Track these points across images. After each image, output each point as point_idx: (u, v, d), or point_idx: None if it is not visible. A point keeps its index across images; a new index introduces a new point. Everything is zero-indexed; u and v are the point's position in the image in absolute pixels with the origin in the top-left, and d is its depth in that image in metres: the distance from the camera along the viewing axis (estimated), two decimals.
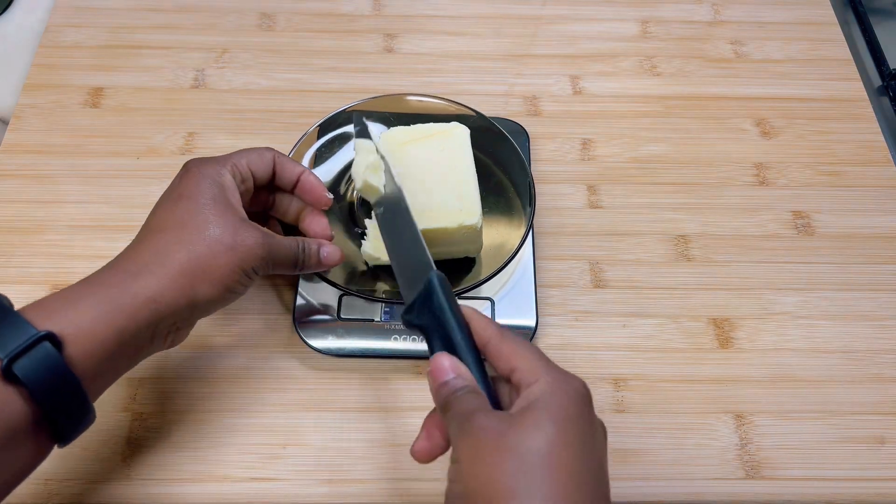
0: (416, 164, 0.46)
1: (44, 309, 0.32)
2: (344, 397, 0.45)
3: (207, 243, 0.36)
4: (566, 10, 0.65)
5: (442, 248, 0.45)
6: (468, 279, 0.47)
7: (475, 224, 0.44)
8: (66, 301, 0.33)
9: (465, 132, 0.48)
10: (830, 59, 0.63)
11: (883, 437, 0.45)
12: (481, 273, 0.46)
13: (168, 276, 0.35)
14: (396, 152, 0.46)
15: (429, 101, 0.53)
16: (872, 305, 0.50)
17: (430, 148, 0.47)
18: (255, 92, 0.59)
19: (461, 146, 0.47)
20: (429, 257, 0.37)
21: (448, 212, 0.44)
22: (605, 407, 0.46)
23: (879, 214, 0.54)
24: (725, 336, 0.49)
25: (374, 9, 0.65)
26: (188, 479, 0.42)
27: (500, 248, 0.47)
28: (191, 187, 0.38)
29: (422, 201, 0.44)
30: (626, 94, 0.60)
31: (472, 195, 0.45)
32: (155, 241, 0.36)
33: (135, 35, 0.61)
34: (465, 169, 0.46)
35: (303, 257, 0.41)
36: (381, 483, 0.43)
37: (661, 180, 0.55)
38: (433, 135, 0.47)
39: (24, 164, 0.54)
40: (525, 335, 0.46)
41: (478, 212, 0.44)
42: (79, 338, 0.32)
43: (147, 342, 0.35)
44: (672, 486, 0.43)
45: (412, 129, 0.48)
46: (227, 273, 0.36)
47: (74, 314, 0.32)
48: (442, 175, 0.46)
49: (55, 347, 0.31)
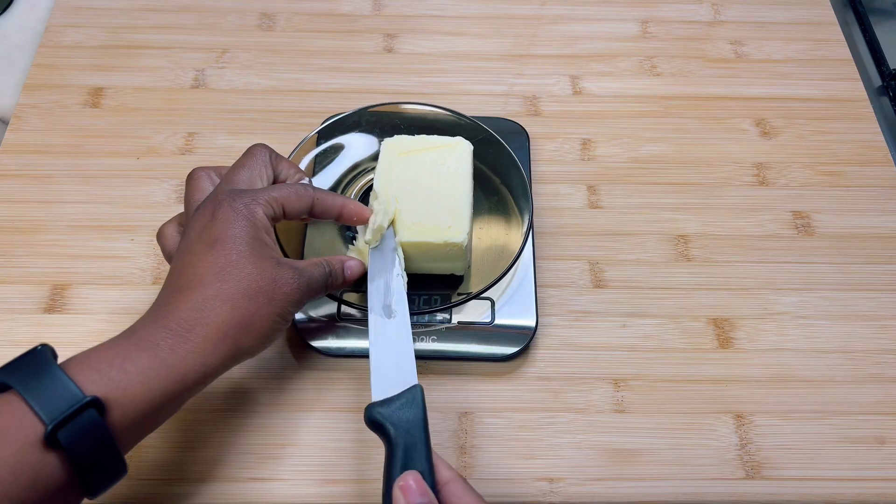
0: (412, 175, 0.46)
1: (90, 367, 0.31)
2: (343, 397, 0.45)
3: (249, 296, 0.35)
4: (566, 10, 0.65)
5: (425, 264, 0.45)
6: (463, 288, 0.47)
7: (461, 242, 0.43)
8: (113, 361, 0.32)
9: (468, 148, 0.48)
10: (830, 59, 0.63)
11: (883, 437, 0.45)
12: (476, 284, 0.47)
13: (214, 336, 0.34)
14: (395, 161, 0.46)
15: (418, 108, 0.52)
16: (872, 305, 0.50)
17: (431, 160, 0.47)
18: (255, 92, 0.59)
19: (462, 162, 0.47)
20: (414, 366, 0.38)
21: (435, 227, 0.44)
22: (605, 407, 0.46)
23: (879, 214, 0.54)
24: (725, 336, 0.49)
25: (374, 9, 0.65)
26: (188, 479, 0.42)
27: (500, 252, 0.47)
28: (225, 229, 0.36)
29: (411, 212, 0.44)
30: (626, 94, 0.60)
31: (462, 213, 0.44)
32: (195, 295, 0.35)
33: (135, 35, 0.62)
34: (461, 186, 0.46)
35: (330, 281, 0.40)
36: (380, 483, 0.43)
37: (661, 180, 0.55)
38: (436, 147, 0.47)
39: (24, 164, 0.54)
40: (525, 335, 0.46)
41: (465, 231, 0.44)
42: (124, 403, 0.31)
43: (189, 397, 0.35)
44: (672, 486, 0.43)
45: (416, 140, 0.48)
46: (269, 324, 0.36)
47: (122, 377, 0.31)
48: (437, 189, 0.45)
49: (100, 414, 0.30)
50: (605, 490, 0.43)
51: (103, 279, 0.49)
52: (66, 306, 0.48)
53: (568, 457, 0.44)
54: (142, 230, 0.51)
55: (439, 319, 0.46)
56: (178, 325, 0.34)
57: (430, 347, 0.46)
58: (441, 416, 0.45)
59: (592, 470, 0.43)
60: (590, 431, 0.45)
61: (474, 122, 0.51)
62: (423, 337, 0.46)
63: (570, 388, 0.46)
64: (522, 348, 0.46)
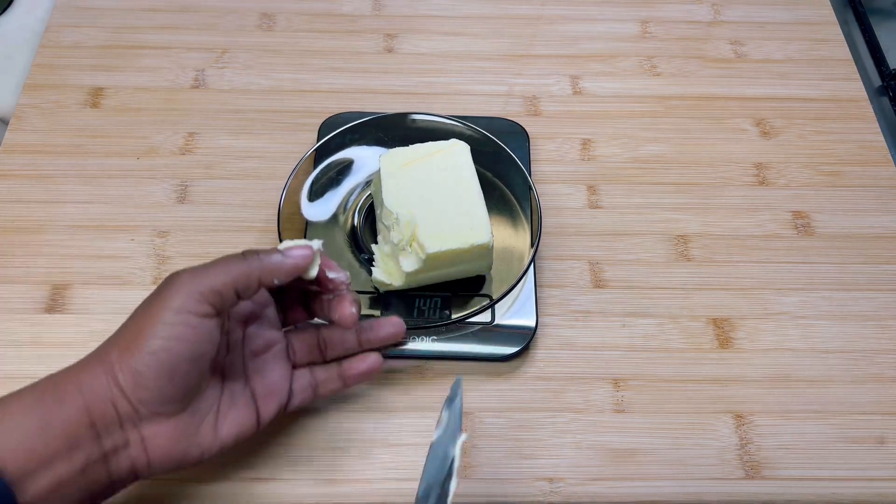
0: (419, 186, 0.45)
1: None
2: (344, 397, 0.45)
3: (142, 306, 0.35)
4: (566, 10, 0.65)
5: (454, 269, 0.45)
6: (486, 288, 0.47)
7: (486, 242, 0.43)
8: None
9: (465, 148, 0.47)
10: (830, 59, 0.63)
11: (883, 437, 0.45)
12: (492, 288, 0.47)
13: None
14: (397, 175, 0.46)
15: (421, 119, 0.53)
16: (872, 305, 0.50)
17: (431, 168, 0.46)
18: (255, 92, 0.59)
19: (462, 163, 0.47)
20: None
21: (458, 233, 0.43)
22: (605, 407, 0.46)
23: (879, 214, 0.54)
24: (725, 336, 0.49)
25: (374, 9, 0.65)
26: (188, 478, 0.42)
27: (510, 254, 0.48)
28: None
29: (430, 224, 0.44)
30: (626, 94, 0.60)
31: (479, 213, 0.44)
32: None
33: (135, 35, 0.62)
34: (470, 186, 0.46)
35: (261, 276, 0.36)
36: (380, 483, 0.43)
37: (661, 180, 0.55)
38: (433, 154, 0.47)
39: (24, 164, 0.54)
40: (525, 335, 0.46)
41: (487, 229, 0.44)
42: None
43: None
44: (672, 485, 0.43)
45: (411, 150, 0.47)
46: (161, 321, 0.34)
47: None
48: (447, 195, 0.45)
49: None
50: (605, 490, 0.43)
51: (103, 279, 0.49)
52: (66, 306, 0.48)
53: (568, 457, 0.44)
54: (142, 230, 0.51)
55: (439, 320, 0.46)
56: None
57: (430, 347, 0.46)
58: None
59: (592, 470, 0.43)
60: (590, 431, 0.45)
61: (467, 124, 0.52)
62: (423, 337, 0.46)
63: (570, 388, 0.46)
64: (522, 348, 0.46)
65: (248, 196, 0.53)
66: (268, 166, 0.55)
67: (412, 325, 0.45)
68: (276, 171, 0.54)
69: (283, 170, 0.52)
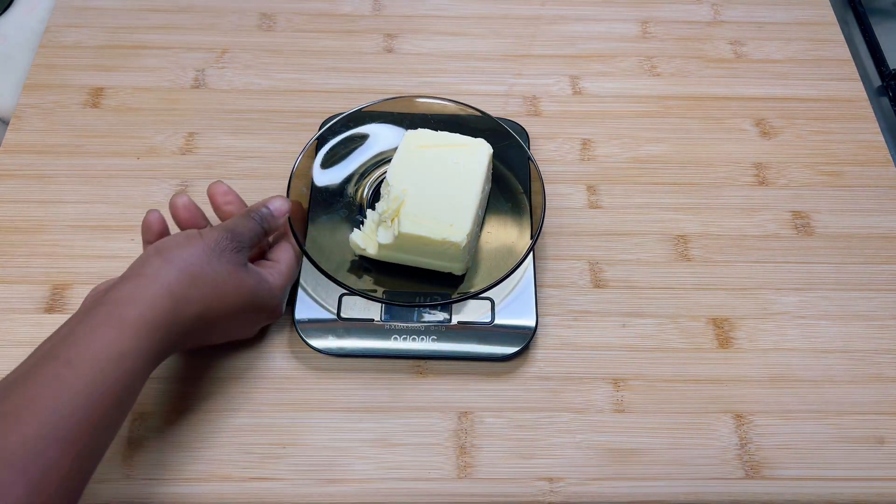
0: (426, 169, 0.46)
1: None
2: (344, 397, 0.45)
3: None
4: (566, 10, 0.65)
5: (422, 258, 0.46)
6: (463, 288, 0.47)
7: (459, 242, 0.43)
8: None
9: (487, 151, 0.48)
10: (830, 59, 0.63)
11: (883, 437, 0.45)
12: (478, 284, 0.47)
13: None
14: (413, 152, 0.47)
15: (439, 103, 0.53)
16: (872, 305, 0.50)
17: (448, 158, 0.47)
18: (255, 92, 0.59)
19: (478, 165, 0.47)
20: None
21: (437, 224, 0.44)
22: (605, 407, 0.46)
23: (879, 214, 0.54)
24: (725, 336, 0.49)
25: (374, 9, 0.65)
26: (188, 479, 0.42)
27: (506, 253, 0.48)
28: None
29: (417, 205, 0.44)
30: (626, 94, 0.60)
31: (466, 214, 0.44)
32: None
33: (135, 35, 0.62)
34: (472, 187, 0.46)
35: (265, 225, 0.44)
36: (381, 483, 0.43)
37: (661, 180, 0.55)
38: (455, 146, 0.48)
39: (24, 164, 0.54)
40: (525, 335, 0.46)
41: (465, 231, 0.44)
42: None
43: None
44: (672, 486, 0.43)
45: (437, 135, 0.48)
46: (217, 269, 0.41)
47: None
48: (446, 186, 0.46)
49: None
50: (605, 490, 0.43)
51: (103, 279, 0.49)
52: (67, 306, 0.48)
53: (567, 456, 0.44)
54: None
55: (439, 319, 0.46)
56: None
57: (430, 347, 0.46)
58: (441, 415, 0.45)
59: (592, 470, 0.44)
60: (589, 431, 0.45)
61: (501, 123, 0.52)
62: (423, 337, 0.46)
63: (569, 388, 0.46)
64: (522, 348, 0.46)
65: (249, 196, 0.53)
66: (268, 166, 0.55)
67: (404, 302, 0.46)
68: (275, 171, 0.54)
69: (283, 170, 0.52)
